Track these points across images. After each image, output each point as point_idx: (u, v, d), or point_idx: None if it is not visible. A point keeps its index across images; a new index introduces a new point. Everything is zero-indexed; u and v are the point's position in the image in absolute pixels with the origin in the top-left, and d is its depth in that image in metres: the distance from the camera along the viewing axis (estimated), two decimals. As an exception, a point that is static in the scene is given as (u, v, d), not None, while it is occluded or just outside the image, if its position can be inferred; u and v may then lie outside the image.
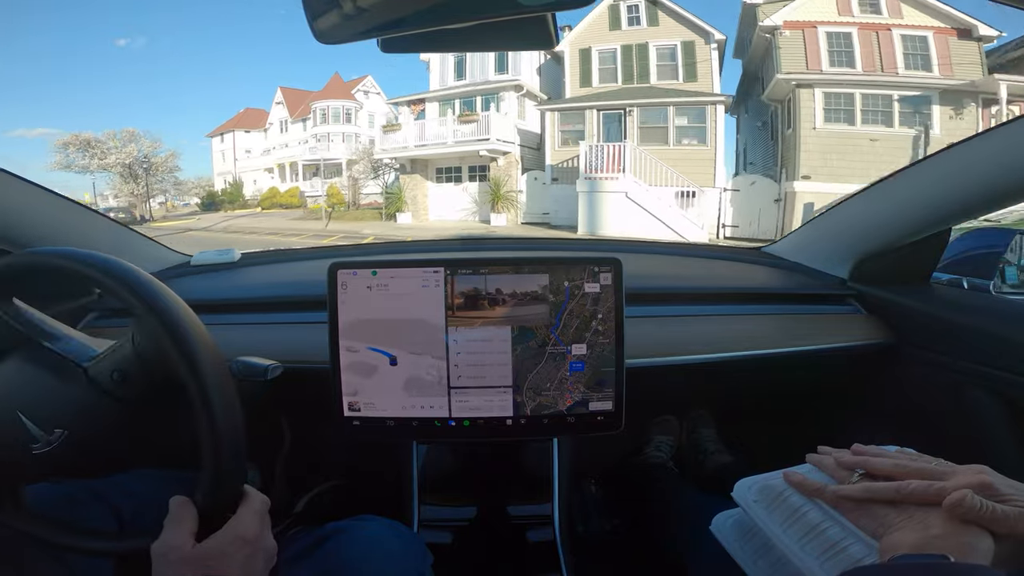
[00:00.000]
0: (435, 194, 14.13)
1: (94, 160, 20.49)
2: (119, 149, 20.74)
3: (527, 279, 0.68)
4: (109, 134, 21.04)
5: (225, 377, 0.46)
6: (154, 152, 21.79)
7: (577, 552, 0.79)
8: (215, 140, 26.08)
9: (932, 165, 0.77)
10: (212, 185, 25.39)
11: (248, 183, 23.93)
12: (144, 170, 21.17)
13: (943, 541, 0.33)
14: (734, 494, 0.49)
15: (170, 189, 23.98)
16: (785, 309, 0.93)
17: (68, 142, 20.57)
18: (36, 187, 0.82)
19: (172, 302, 0.46)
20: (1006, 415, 0.73)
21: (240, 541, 0.42)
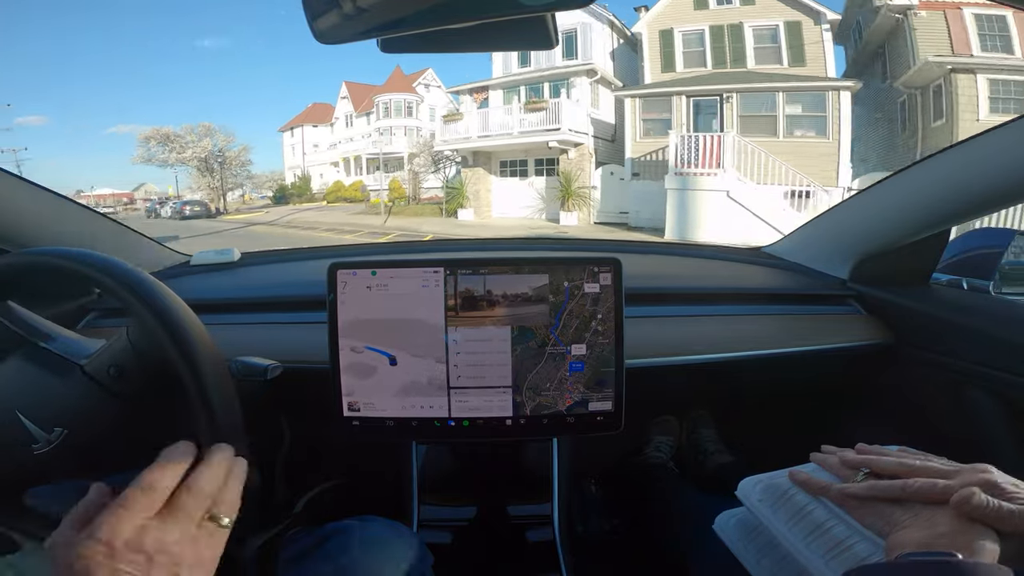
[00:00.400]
0: (499, 189, 13.15)
1: (172, 154, 21.09)
2: (195, 143, 21.23)
3: (527, 279, 0.68)
4: (187, 128, 21.60)
5: (224, 375, 0.46)
6: (228, 146, 22.31)
7: (577, 552, 0.79)
8: (285, 135, 26.42)
9: (932, 165, 0.77)
10: (283, 179, 25.92)
11: (315, 177, 24.19)
12: (219, 164, 21.63)
13: (950, 539, 0.33)
14: (738, 493, 0.49)
15: (245, 182, 24.38)
16: (785, 309, 0.93)
17: (149, 136, 21.19)
18: (36, 187, 0.82)
19: (170, 301, 0.46)
20: (1005, 415, 0.73)
21: (100, 544, 0.33)
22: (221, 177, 21.66)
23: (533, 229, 10.42)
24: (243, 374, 0.60)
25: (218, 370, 0.45)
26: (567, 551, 0.77)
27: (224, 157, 21.86)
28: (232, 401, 0.46)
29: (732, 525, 0.50)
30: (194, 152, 21.09)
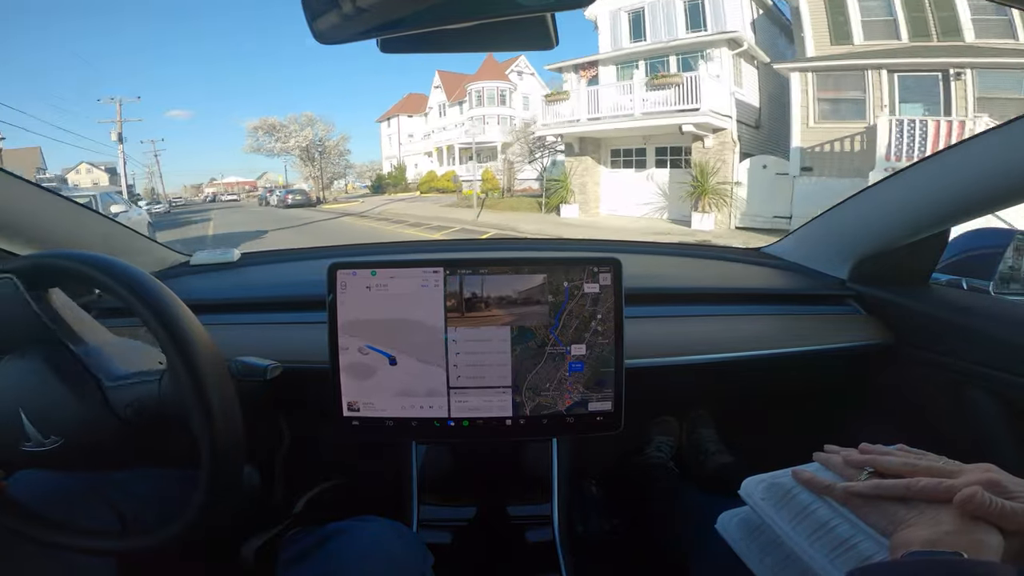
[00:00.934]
0: (609, 182, 11.11)
1: (278, 143, 22.32)
2: (298, 132, 22.21)
3: (526, 279, 0.68)
4: (291, 118, 22.64)
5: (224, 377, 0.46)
6: (328, 135, 23.21)
7: (577, 552, 0.79)
8: (383, 125, 27.08)
9: (931, 165, 0.77)
10: (381, 169, 26.60)
11: (410, 167, 24.47)
12: (319, 152, 22.57)
13: (954, 537, 0.33)
14: (741, 492, 0.49)
15: (344, 172, 25.17)
16: (785, 309, 0.93)
17: (257, 126, 22.40)
18: (35, 187, 0.82)
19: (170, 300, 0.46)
20: (1005, 415, 0.73)
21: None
22: (320, 166, 22.28)
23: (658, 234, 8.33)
24: (243, 374, 0.60)
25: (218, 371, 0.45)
26: (567, 551, 0.77)
27: (324, 146, 22.62)
28: (232, 404, 0.46)
29: (734, 524, 0.50)
30: (296, 141, 21.78)
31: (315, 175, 22.28)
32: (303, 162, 22.26)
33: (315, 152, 22.20)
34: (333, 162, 23.24)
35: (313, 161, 22.19)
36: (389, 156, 26.22)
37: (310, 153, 22.08)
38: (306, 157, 22.10)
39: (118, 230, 1.01)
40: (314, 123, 22.53)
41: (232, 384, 0.47)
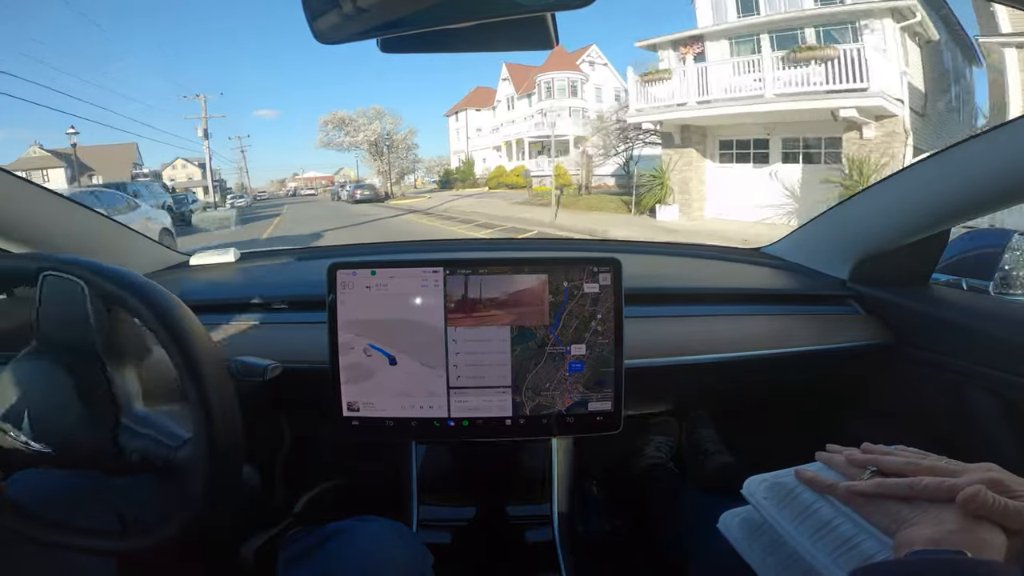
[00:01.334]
0: (718, 179, 9.22)
1: (347, 137, 21.84)
2: (366, 126, 21.74)
3: (526, 279, 0.68)
4: (359, 112, 22.15)
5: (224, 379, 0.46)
6: (395, 129, 22.68)
7: (577, 552, 0.79)
8: (451, 119, 26.20)
9: (931, 165, 0.77)
10: (449, 164, 25.69)
11: (479, 161, 23.72)
12: (387, 147, 22.10)
13: (957, 536, 0.33)
14: (743, 491, 0.49)
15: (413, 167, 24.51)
16: (784, 309, 0.93)
17: (328, 120, 21.97)
18: (35, 187, 0.82)
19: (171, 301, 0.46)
20: (1005, 415, 0.73)
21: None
22: (389, 160, 21.99)
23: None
24: (242, 374, 0.60)
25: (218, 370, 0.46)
26: (567, 551, 0.77)
27: (392, 140, 22.22)
28: (232, 404, 0.46)
29: (736, 524, 0.50)
30: (365, 135, 21.51)
31: (384, 170, 22.01)
32: (372, 156, 22.01)
33: (383, 146, 21.91)
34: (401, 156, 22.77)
35: (382, 155, 21.89)
36: (457, 151, 25.23)
37: (378, 147, 21.81)
38: (375, 151, 21.85)
39: (118, 230, 1.01)
40: (382, 117, 22.21)
41: (232, 384, 0.47)
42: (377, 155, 21.82)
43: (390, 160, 22.03)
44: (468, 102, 25.05)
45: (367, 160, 22.48)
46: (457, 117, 25.58)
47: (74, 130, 17.49)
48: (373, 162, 22.10)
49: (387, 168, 21.94)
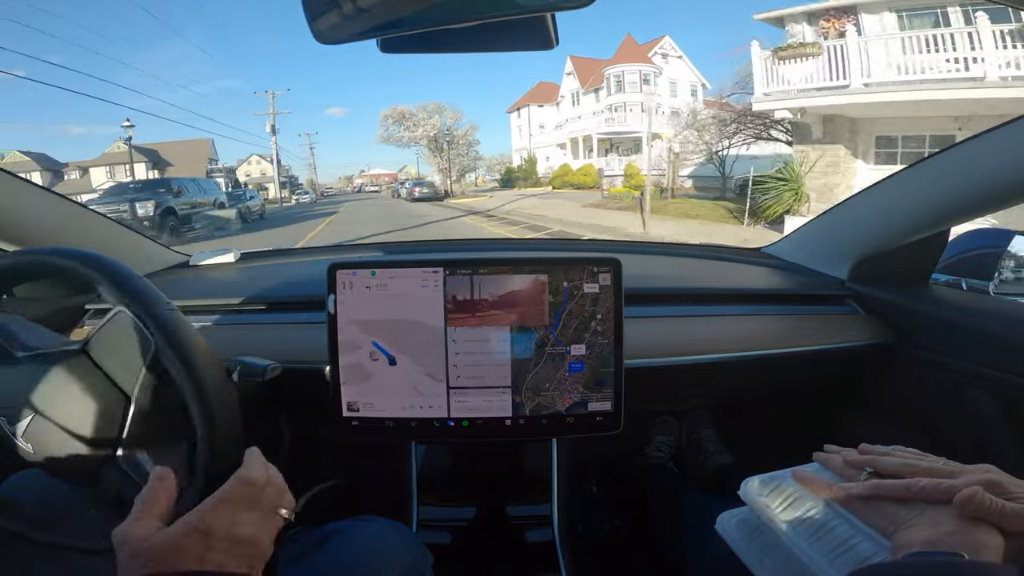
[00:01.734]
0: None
1: (406, 132, 21.75)
2: (426, 120, 21.58)
3: (526, 279, 0.68)
4: (419, 106, 22.12)
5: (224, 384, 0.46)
6: (456, 124, 22.40)
7: (577, 552, 0.79)
8: (512, 116, 25.60)
9: (931, 165, 0.77)
10: (510, 161, 25.35)
11: (541, 160, 23.01)
12: (447, 143, 21.78)
13: (955, 538, 0.33)
14: (741, 492, 0.49)
15: (473, 164, 24.22)
16: (784, 309, 0.93)
17: (388, 115, 22.10)
18: (35, 187, 0.82)
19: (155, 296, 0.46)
20: (1005, 415, 0.73)
21: (197, 533, 0.36)
22: (449, 157, 21.46)
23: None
24: (243, 374, 0.60)
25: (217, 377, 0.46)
26: (567, 551, 0.77)
27: (452, 136, 21.80)
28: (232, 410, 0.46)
29: (734, 525, 0.50)
30: (424, 131, 21.17)
31: (443, 167, 21.48)
32: (432, 153, 21.66)
33: (443, 142, 21.41)
34: (461, 153, 22.40)
35: (441, 152, 21.43)
36: (519, 148, 24.65)
37: (438, 143, 21.39)
38: (434, 147, 21.46)
39: (118, 230, 1.01)
40: (442, 111, 21.82)
41: (231, 386, 0.47)
42: (437, 151, 21.33)
43: (450, 157, 21.44)
44: (531, 98, 24.26)
45: (427, 157, 22.00)
46: (519, 113, 24.83)
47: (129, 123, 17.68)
48: (433, 159, 21.61)
49: (447, 165, 21.32)
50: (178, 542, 0.36)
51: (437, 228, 10.46)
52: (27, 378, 0.47)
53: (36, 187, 0.83)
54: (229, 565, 0.37)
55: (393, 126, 21.63)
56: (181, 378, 0.44)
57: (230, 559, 0.37)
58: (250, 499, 0.40)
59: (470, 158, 23.13)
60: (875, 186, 0.88)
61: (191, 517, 0.37)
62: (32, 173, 21.64)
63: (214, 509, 0.38)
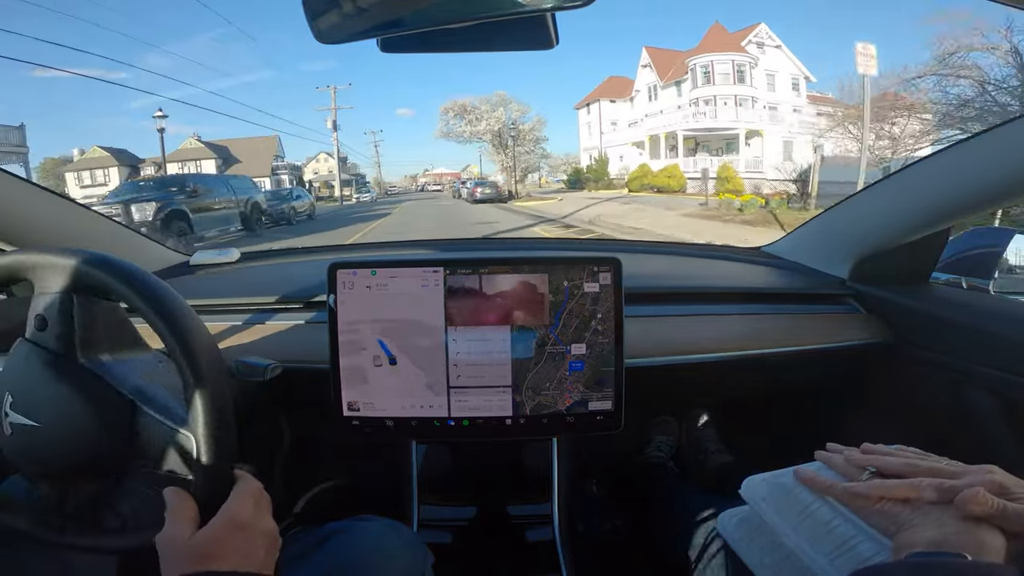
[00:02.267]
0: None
1: (468, 126, 20.51)
2: (489, 113, 20.30)
3: (526, 279, 0.68)
4: (482, 99, 20.88)
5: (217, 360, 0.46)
6: (522, 118, 20.86)
7: (577, 552, 0.79)
8: (581, 112, 23.44)
9: (931, 164, 0.77)
10: (578, 161, 23.26)
11: (613, 159, 20.97)
12: (512, 138, 20.20)
13: (958, 538, 0.33)
14: (742, 491, 0.49)
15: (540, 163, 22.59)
16: (784, 309, 0.93)
17: (448, 108, 20.90)
18: (36, 187, 0.82)
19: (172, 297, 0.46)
20: (1005, 415, 0.73)
21: (233, 525, 0.41)
22: (514, 154, 19.83)
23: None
24: (243, 374, 0.60)
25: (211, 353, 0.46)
26: (567, 551, 0.77)
27: (517, 130, 20.32)
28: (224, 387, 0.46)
29: (735, 524, 0.50)
30: (487, 124, 19.88)
31: (508, 164, 19.81)
32: (495, 149, 20.24)
33: (508, 137, 19.79)
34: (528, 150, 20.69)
35: (506, 148, 19.81)
36: (588, 147, 22.34)
37: (502, 138, 19.85)
38: (498, 143, 20.01)
39: (119, 230, 1.01)
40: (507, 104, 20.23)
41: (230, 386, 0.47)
42: (501, 147, 19.93)
43: (515, 154, 19.83)
44: (601, 93, 22.09)
45: (490, 154, 20.66)
46: (588, 109, 22.68)
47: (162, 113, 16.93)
48: (496, 156, 20.27)
49: (511, 163, 19.81)
50: (219, 534, 0.41)
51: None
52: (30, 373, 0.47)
53: (36, 187, 0.83)
54: (260, 555, 0.42)
55: (454, 120, 20.46)
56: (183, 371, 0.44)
57: (261, 549, 0.42)
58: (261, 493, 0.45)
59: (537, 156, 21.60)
60: (875, 185, 0.88)
61: (224, 512, 0.42)
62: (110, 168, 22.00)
63: (241, 502, 0.43)
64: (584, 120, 23.16)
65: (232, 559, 0.40)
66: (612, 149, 21.24)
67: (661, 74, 18.21)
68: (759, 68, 15.21)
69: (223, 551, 0.40)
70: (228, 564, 0.40)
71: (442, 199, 22.30)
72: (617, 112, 21.63)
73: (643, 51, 19.19)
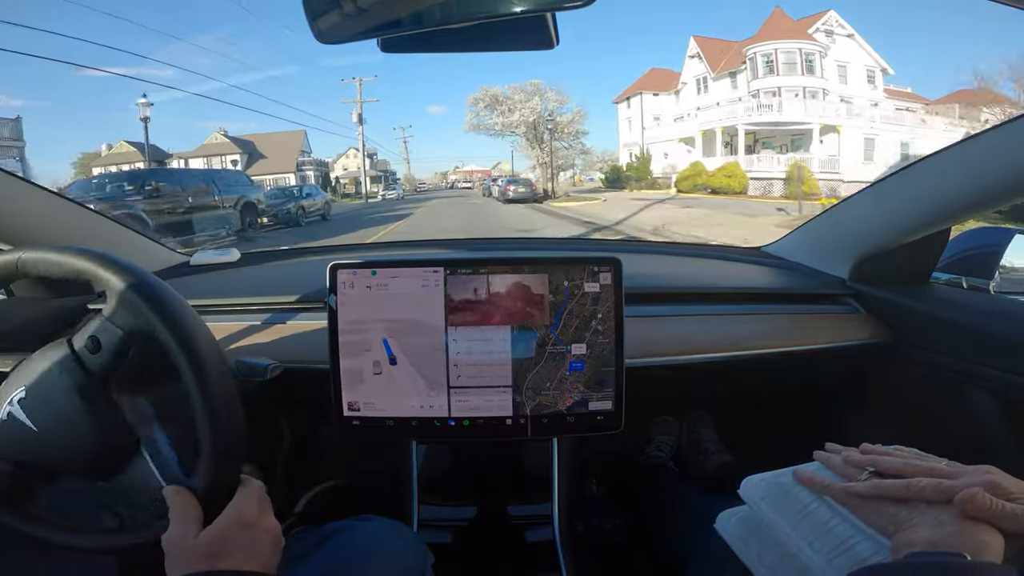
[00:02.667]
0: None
1: (499, 118, 18.34)
2: (523, 103, 18.08)
3: (527, 279, 0.68)
4: (514, 88, 18.49)
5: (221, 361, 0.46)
6: (560, 109, 18.67)
7: (577, 552, 0.79)
8: (620, 107, 21.50)
9: (931, 164, 0.77)
10: (616, 159, 21.29)
11: (657, 156, 19.14)
12: (548, 130, 18.26)
13: (956, 538, 0.33)
14: (741, 491, 0.49)
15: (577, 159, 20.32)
16: (784, 309, 0.93)
17: (478, 98, 18.93)
18: (36, 187, 0.82)
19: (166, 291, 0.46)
20: (1005, 415, 0.73)
21: (240, 524, 0.42)
22: (550, 148, 17.88)
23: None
24: (243, 374, 0.60)
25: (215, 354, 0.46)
26: (567, 551, 0.77)
27: (555, 122, 18.24)
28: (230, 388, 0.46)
29: (733, 524, 0.50)
30: (521, 115, 17.82)
31: (544, 160, 17.71)
32: (529, 143, 18.10)
33: (544, 130, 17.82)
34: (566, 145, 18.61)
35: (541, 142, 17.76)
36: (628, 143, 20.49)
37: (538, 131, 17.79)
38: (532, 137, 17.87)
39: (119, 230, 1.01)
40: (542, 92, 17.90)
41: (235, 384, 0.47)
42: (536, 141, 17.89)
43: (552, 148, 17.90)
44: (642, 85, 20.37)
45: (523, 148, 18.57)
46: (629, 103, 20.86)
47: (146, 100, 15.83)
48: (531, 150, 18.38)
49: (548, 159, 17.89)
50: (225, 533, 0.41)
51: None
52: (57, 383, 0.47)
53: (36, 187, 0.83)
54: (265, 554, 0.42)
55: (484, 111, 18.44)
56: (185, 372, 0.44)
57: (266, 548, 0.43)
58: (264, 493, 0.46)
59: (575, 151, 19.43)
60: (876, 185, 0.88)
61: (230, 512, 0.43)
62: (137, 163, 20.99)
63: (247, 502, 0.44)
64: (623, 115, 21.30)
65: (239, 558, 0.40)
66: (656, 145, 19.40)
67: (712, 64, 16.51)
68: (829, 58, 13.58)
69: (230, 550, 0.41)
70: (235, 563, 0.40)
71: (471, 197, 20.90)
72: (660, 106, 19.89)
73: (691, 40, 17.39)
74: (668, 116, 19.51)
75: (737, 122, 14.44)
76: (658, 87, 20.05)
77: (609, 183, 19.68)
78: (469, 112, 18.35)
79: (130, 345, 0.47)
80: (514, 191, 15.57)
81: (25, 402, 0.46)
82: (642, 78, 21.09)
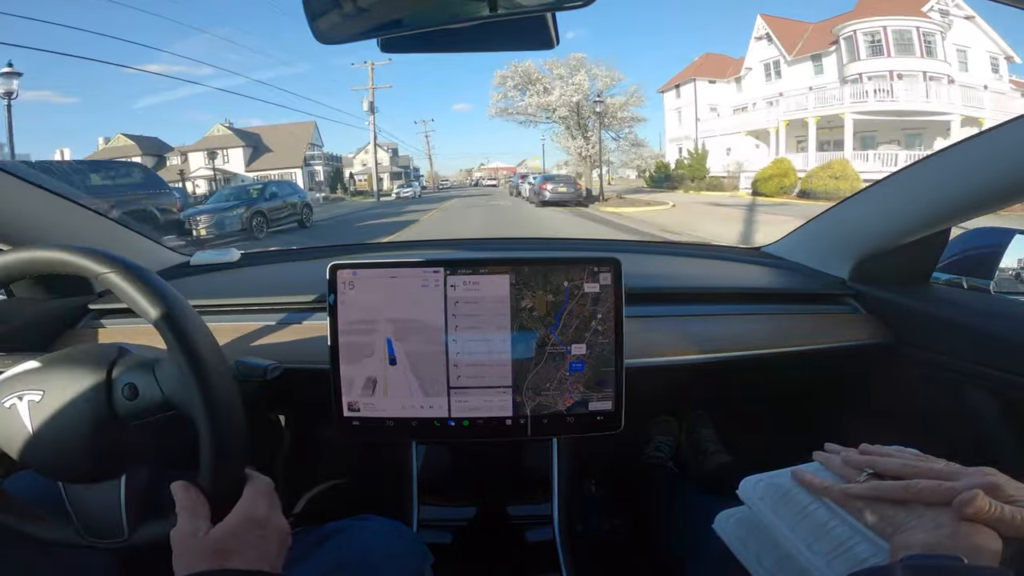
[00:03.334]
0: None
1: (533, 98, 14.42)
2: (565, 80, 14.25)
3: (527, 279, 0.68)
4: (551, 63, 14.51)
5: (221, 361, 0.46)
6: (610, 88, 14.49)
7: (577, 552, 0.80)
8: (667, 96, 18.29)
9: (932, 164, 0.77)
10: (663, 155, 17.95)
11: (718, 152, 16.04)
12: (596, 114, 14.28)
13: (954, 541, 0.33)
14: (739, 492, 0.49)
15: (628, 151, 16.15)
16: (785, 309, 0.93)
17: (506, 76, 14.98)
18: (35, 187, 0.82)
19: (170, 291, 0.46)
20: (1005, 415, 0.73)
21: (249, 522, 0.42)
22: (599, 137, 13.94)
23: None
24: (243, 374, 0.60)
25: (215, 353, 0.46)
26: (567, 551, 0.77)
27: (604, 105, 14.16)
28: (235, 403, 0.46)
29: (732, 524, 0.50)
30: (562, 94, 13.92)
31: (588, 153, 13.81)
32: (569, 131, 14.20)
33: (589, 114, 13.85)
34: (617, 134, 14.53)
35: (586, 131, 13.86)
36: (677, 138, 17.44)
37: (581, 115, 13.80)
38: (574, 123, 13.95)
39: (119, 230, 1.01)
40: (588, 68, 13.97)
41: (235, 384, 0.47)
42: (579, 129, 14.06)
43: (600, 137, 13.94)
44: (695, 72, 17.32)
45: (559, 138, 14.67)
46: (679, 92, 17.68)
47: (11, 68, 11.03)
48: (570, 141, 14.52)
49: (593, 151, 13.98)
50: (236, 530, 0.41)
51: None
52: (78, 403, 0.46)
53: (36, 187, 0.83)
54: (274, 552, 0.42)
55: (514, 92, 14.59)
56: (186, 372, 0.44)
57: (274, 546, 0.43)
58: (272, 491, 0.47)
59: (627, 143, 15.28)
60: (876, 185, 0.88)
61: (240, 509, 0.43)
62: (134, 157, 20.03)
63: (256, 500, 0.44)
64: (671, 105, 17.89)
65: (249, 556, 0.40)
66: (714, 139, 16.29)
67: (787, 47, 13.91)
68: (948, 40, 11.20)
69: (240, 547, 0.40)
70: (245, 561, 0.40)
71: (496, 197, 17.49)
72: (717, 95, 16.83)
73: (758, 19, 14.54)
74: (726, 106, 16.61)
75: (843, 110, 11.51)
76: (714, 74, 16.97)
77: (654, 183, 16.39)
78: (495, 93, 15.01)
79: (165, 410, 0.47)
80: (552, 191, 12.12)
81: (36, 405, 0.46)
82: (694, 64, 17.83)
